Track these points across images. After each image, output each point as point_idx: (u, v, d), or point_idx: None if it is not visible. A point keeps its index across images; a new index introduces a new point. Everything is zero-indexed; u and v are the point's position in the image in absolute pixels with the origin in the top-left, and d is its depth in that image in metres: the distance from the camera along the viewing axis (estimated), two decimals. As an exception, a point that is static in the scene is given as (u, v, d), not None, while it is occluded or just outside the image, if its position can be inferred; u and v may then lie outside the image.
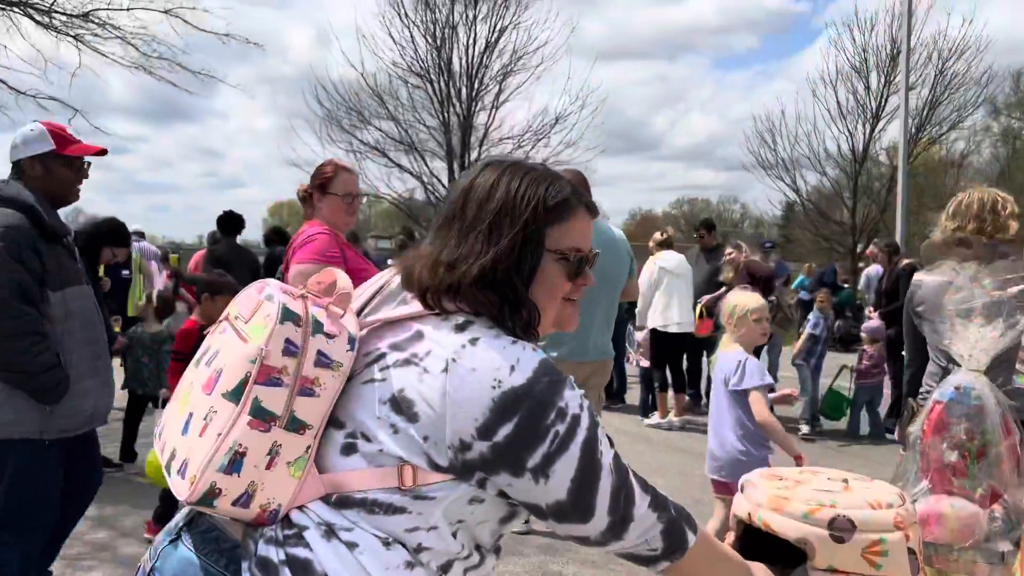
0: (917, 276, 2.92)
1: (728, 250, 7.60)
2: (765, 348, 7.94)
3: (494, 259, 1.16)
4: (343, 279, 1.20)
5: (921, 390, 2.93)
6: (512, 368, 1.10)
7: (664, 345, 7.19)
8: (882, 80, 19.92)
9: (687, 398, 7.62)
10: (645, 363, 7.53)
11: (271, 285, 1.18)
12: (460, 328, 1.14)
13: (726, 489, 3.47)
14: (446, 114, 17.52)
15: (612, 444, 1.19)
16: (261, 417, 1.07)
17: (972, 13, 21.86)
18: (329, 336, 1.13)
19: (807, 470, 1.48)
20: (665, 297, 7.12)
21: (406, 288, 1.22)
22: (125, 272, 6.74)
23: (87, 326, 2.75)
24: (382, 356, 1.15)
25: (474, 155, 17.81)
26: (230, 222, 6.69)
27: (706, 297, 7.65)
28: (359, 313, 1.24)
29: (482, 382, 1.09)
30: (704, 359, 7.97)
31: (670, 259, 7.26)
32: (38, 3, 7.08)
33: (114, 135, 11.95)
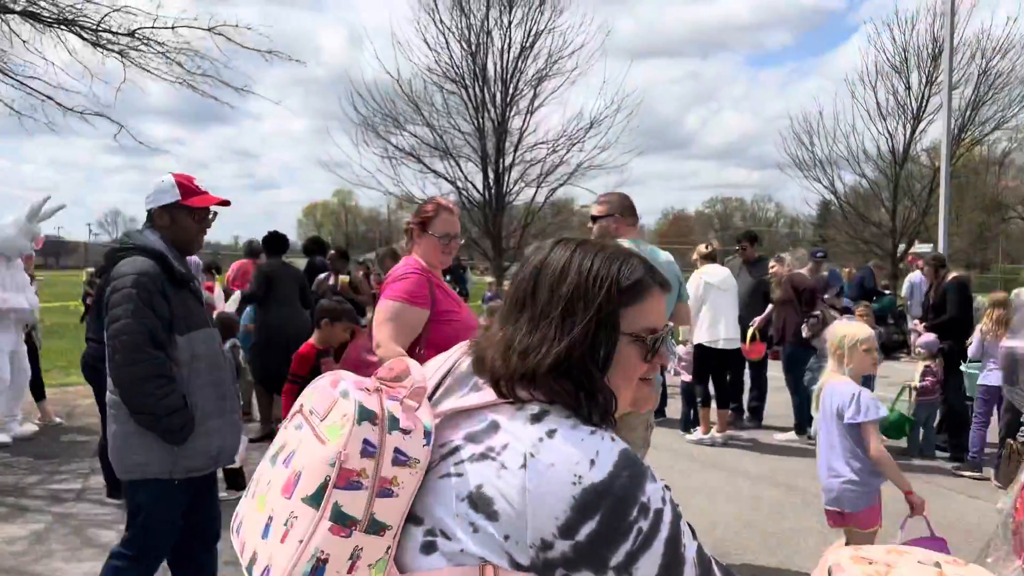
0: (1008, 343, 2.83)
1: (771, 264, 7.49)
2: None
3: (568, 347, 1.14)
4: (416, 371, 1.19)
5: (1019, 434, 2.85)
6: (592, 462, 1.07)
7: (710, 361, 7.10)
8: (923, 79, 19.55)
9: (730, 413, 7.53)
10: (687, 377, 7.44)
11: (346, 380, 1.16)
12: (536, 419, 1.12)
13: (842, 520, 3.45)
14: (481, 119, 17.52)
15: (695, 536, 1.16)
16: (342, 523, 1.06)
17: (1018, 11, 21.35)
18: (405, 432, 1.11)
19: (895, 550, 1.44)
20: (711, 312, 7.02)
21: (477, 373, 1.20)
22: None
23: (212, 368, 2.83)
24: (457, 449, 1.13)
25: (508, 160, 17.80)
26: (276, 242, 7.00)
27: (757, 320, 7.55)
28: (430, 397, 1.22)
29: (562, 478, 1.06)
30: (746, 372, 7.88)
31: (715, 273, 7.15)
32: (86, 22, 7.20)
33: (156, 146, 12.18)
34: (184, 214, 2.83)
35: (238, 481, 4.91)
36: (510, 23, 17.08)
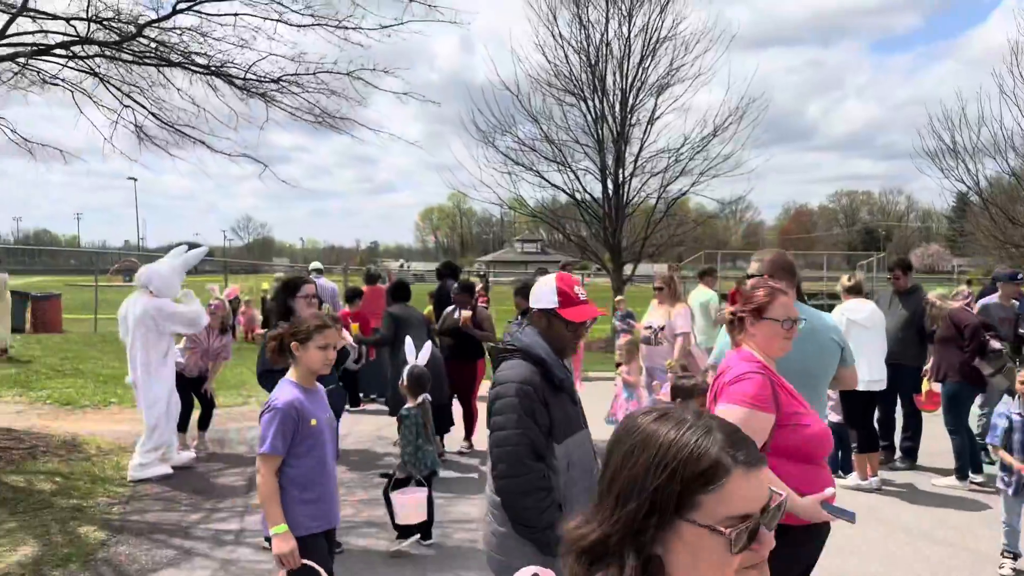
0: None
1: (931, 299, 6.99)
2: (977, 401, 7.26)
3: (606, 532, 1.09)
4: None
5: None
6: None
7: (855, 403, 6.70)
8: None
9: (881, 453, 7.10)
10: (836, 417, 7.05)
11: None
12: None
13: None
14: (600, 130, 17.32)
15: None
16: None
17: None
18: None
19: None
20: (855, 352, 6.61)
21: None
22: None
23: (586, 474, 2.77)
24: None
25: (628, 171, 17.52)
26: (401, 290, 7.86)
27: (928, 369, 7.08)
28: None
29: None
30: (898, 407, 7.40)
31: (860, 309, 6.71)
32: (234, 70, 7.55)
33: (299, 186, 12.83)
34: (560, 322, 2.80)
35: None
36: (630, 33, 16.82)
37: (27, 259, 61.10)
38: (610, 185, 17.57)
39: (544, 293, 2.83)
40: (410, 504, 4.94)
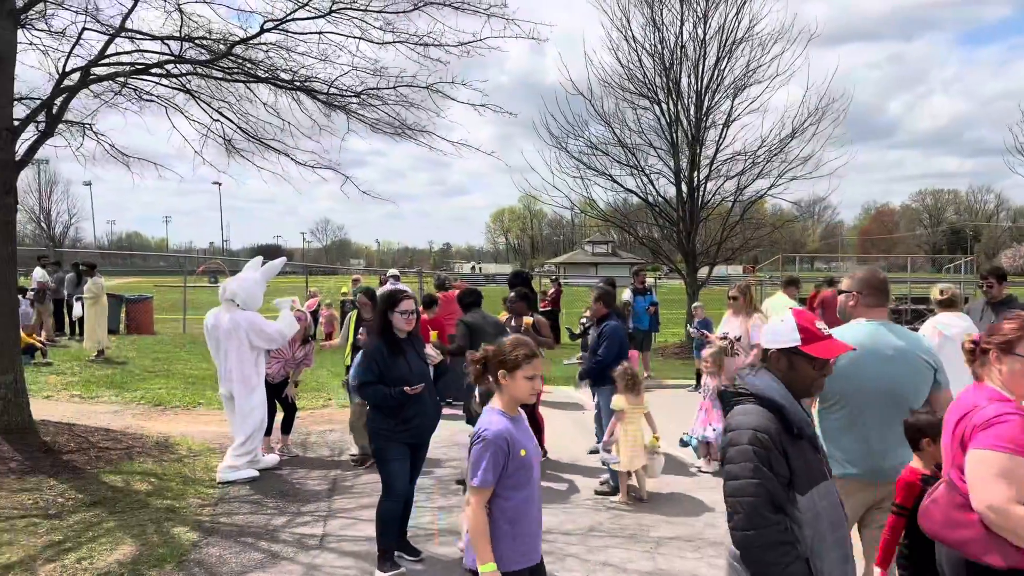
0: None
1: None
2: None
3: None
4: None
5: None
6: None
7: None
8: None
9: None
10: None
11: None
12: None
13: None
14: (674, 134, 17.11)
15: None
16: None
17: None
18: None
19: None
20: (947, 369, 6.35)
21: None
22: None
23: (835, 526, 2.59)
24: None
25: (703, 174, 17.27)
26: (471, 296, 8.03)
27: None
28: None
29: None
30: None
31: (954, 324, 6.41)
32: (317, 85, 7.78)
33: (386, 199, 13.14)
34: (804, 361, 2.63)
35: None
36: (705, 34, 16.56)
37: (120, 261, 64.09)
38: (684, 188, 17.34)
39: (781, 331, 2.66)
40: None
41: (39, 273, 17.78)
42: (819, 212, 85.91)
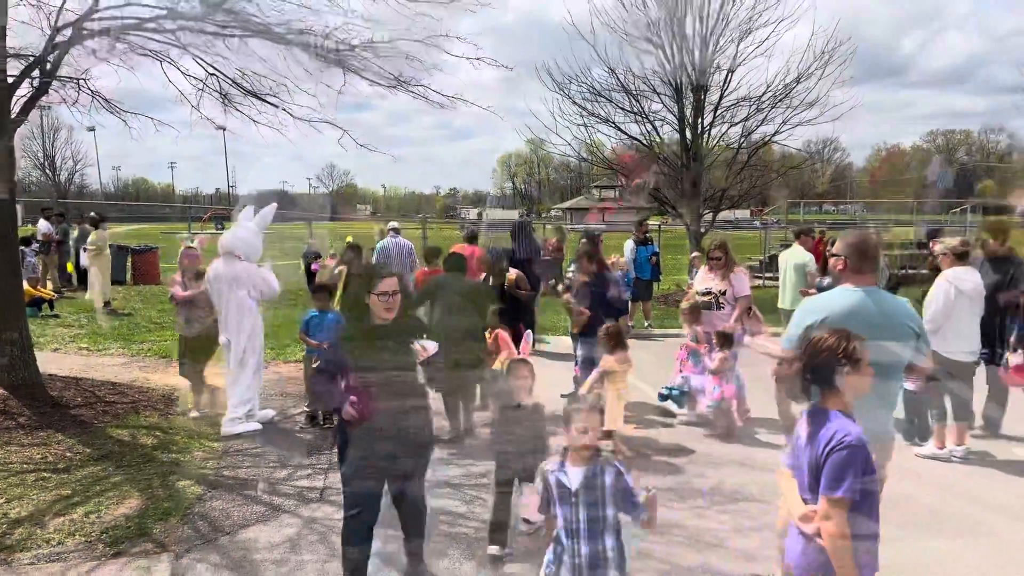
0: None
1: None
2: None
3: None
4: None
5: None
6: None
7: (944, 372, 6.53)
8: None
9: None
10: (911, 385, 6.87)
11: None
12: None
13: None
14: (679, 79, 16.86)
15: None
16: None
17: None
18: None
19: None
20: (955, 323, 6.40)
21: None
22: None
23: None
24: None
25: (707, 120, 17.08)
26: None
27: (1014, 340, 6.81)
28: None
29: None
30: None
31: (967, 279, 6.41)
32: (312, 38, 7.70)
33: (386, 153, 13.02)
34: None
35: None
36: (711, -25, 16.16)
37: (127, 209, 64.18)
38: (688, 135, 17.18)
39: None
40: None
41: (44, 225, 17.89)
42: (828, 154, 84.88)
